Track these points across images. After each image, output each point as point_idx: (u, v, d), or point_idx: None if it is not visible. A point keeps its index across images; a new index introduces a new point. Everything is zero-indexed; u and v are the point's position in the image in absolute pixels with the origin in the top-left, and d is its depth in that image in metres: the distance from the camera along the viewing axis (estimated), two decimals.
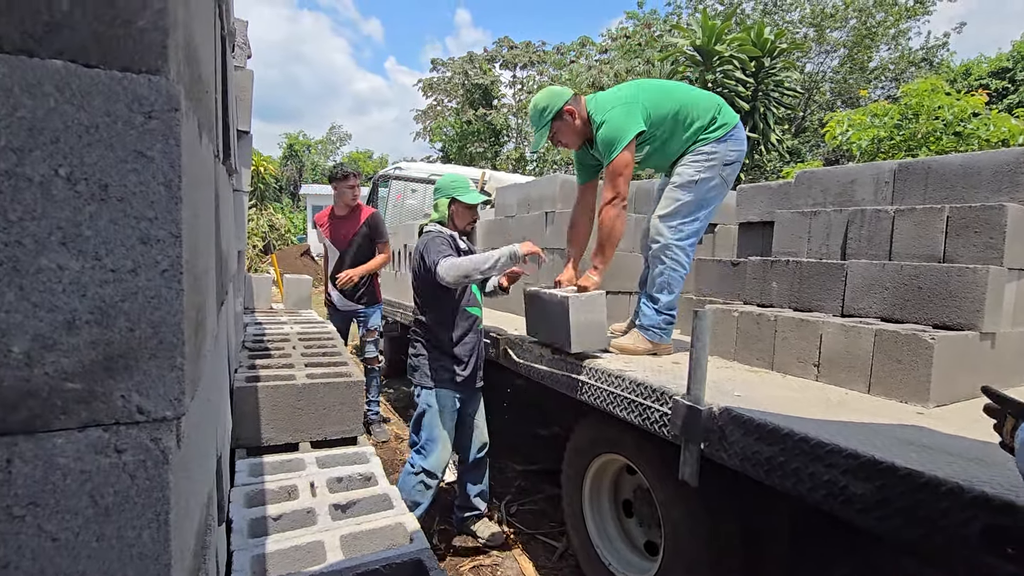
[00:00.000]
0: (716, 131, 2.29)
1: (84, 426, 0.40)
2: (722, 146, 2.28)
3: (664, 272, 2.31)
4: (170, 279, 0.42)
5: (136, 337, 0.41)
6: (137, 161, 0.40)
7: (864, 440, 1.28)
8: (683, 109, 2.28)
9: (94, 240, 0.39)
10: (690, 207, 2.28)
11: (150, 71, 0.40)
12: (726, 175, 2.30)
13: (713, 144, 2.27)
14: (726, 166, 2.28)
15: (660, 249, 2.31)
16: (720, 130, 2.28)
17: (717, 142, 2.28)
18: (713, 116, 2.30)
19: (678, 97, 2.30)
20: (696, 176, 2.26)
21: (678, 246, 2.28)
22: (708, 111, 2.30)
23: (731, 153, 2.29)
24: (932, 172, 2.18)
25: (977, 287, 1.77)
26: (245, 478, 1.92)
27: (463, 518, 2.78)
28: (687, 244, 2.30)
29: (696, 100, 2.32)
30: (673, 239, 2.28)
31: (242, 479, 1.91)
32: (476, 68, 22.51)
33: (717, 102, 2.35)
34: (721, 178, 2.29)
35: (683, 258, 2.30)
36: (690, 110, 2.29)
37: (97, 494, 0.41)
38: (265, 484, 1.89)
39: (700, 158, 2.28)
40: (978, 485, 1.03)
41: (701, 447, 1.55)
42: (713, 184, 2.28)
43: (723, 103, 2.38)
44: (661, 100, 2.28)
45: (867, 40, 18.44)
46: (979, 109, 7.23)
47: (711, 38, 11.19)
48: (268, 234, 15.59)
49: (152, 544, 0.43)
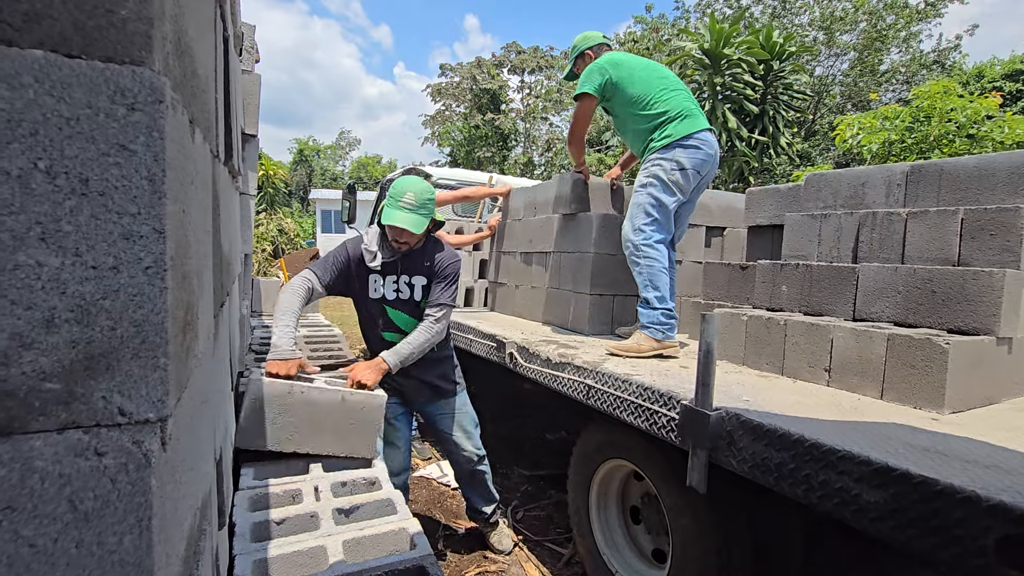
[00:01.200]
0: (664, 139, 2.51)
1: (63, 428, 0.39)
2: (671, 152, 2.48)
3: (642, 271, 2.49)
4: (153, 276, 0.41)
5: (118, 336, 0.40)
6: (119, 154, 0.39)
7: (877, 446, 1.25)
8: (649, 100, 2.55)
9: (74, 236, 0.38)
10: (644, 208, 2.50)
11: (134, 62, 0.39)
12: (681, 180, 2.49)
13: (661, 151, 2.50)
14: (680, 171, 2.48)
15: (631, 253, 2.54)
16: (665, 139, 2.50)
17: (665, 148, 2.49)
18: (666, 122, 2.52)
19: (651, 87, 2.57)
20: (644, 180, 2.53)
21: (644, 244, 2.48)
22: (668, 116, 2.51)
23: (686, 159, 2.48)
24: (946, 174, 2.14)
25: (993, 291, 1.73)
26: (249, 481, 1.91)
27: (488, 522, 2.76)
28: (653, 241, 2.48)
29: (666, 100, 2.54)
30: (638, 240, 2.49)
31: (246, 482, 1.90)
32: (484, 73, 22.61)
33: (681, 111, 2.52)
34: (672, 183, 2.49)
35: (653, 253, 2.47)
36: (652, 105, 2.54)
37: (76, 498, 0.39)
38: (269, 488, 1.88)
39: (648, 165, 2.54)
40: (996, 493, 0.99)
41: (709, 453, 1.53)
42: (664, 187, 2.48)
43: (689, 113, 2.54)
44: (632, 81, 2.57)
45: (877, 43, 18.30)
46: (993, 111, 7.13)
47: (719, 42, 11.15)
48: (277, 238, 15.69)
49: (134, 550, 0.41)
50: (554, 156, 21.86)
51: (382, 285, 2.32)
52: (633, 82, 2.56)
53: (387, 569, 1.51)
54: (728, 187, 11.76)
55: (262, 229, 15.56)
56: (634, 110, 2.57)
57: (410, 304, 2.35)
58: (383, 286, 2.32)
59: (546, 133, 23.49)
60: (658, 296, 2.42)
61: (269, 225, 16.03)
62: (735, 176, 11.92)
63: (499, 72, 23.30)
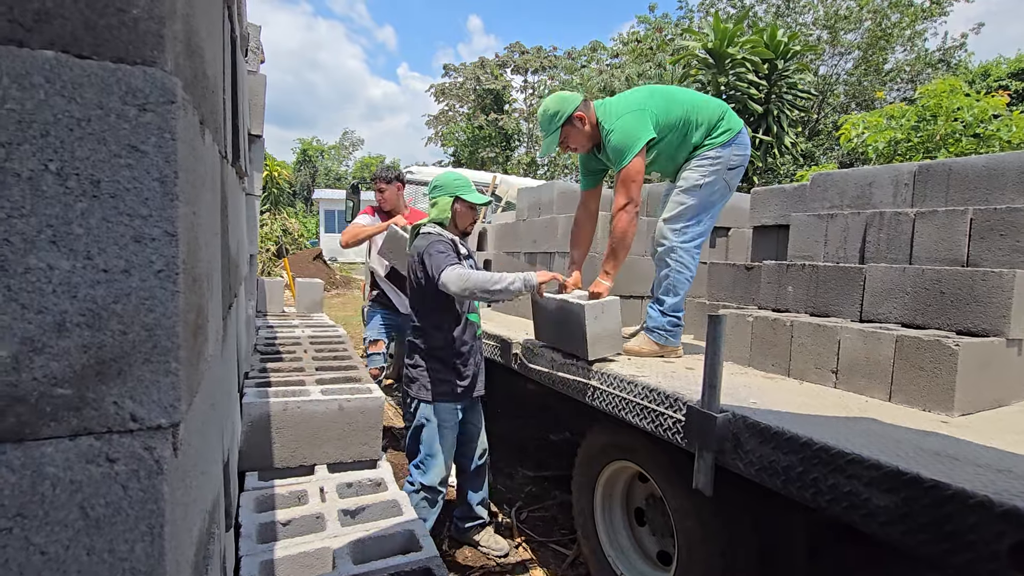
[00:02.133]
0: (720, 136, 2.32)
1: (75, 434, 0.38)
2: (726, 151, 2.32)
3: (669, 275, 2.35)
4: (165, 280, 0.40)
5: (129, 340, 0.40)
6: (131, 156, 0.38)
7: (887, 450, 1.23)
8: (690, 115, 2.32)
9: (85, 238, 0.38)
10: (694, 210, 2.31)
11: (145, 62, 0.39)
12: (729, 179, 2.35)
13: (718, 149, 2.31)
14: (730, 170, 2.33)
15: (665, 252, 2.35)
16: (724, 135, 2.32)
17: (721, 147, 2.31)
18: (718, 122, 2.34)
19: (685, 103, 2.34)
20: (701, 180, 2.30)
21: (683, 248, 2.32)
22: (713, 117, 2.34)
23: (735, 158, 2.34)
24: (954, 173, 2.13)
25: (1003, 291, 1.71)
26: (255, 482, 1.91)
27: (465, 528, 2.71)
28: (692, 247, 2.34)
29: (702, 106, 2.36)
30: (678, 242, 2.32)
31: (252, 483, 1.90)
32: (488, 73, 22.61)
33: (722, 108, 2.39)
34: (724, 182, 2.34)
35: (688, 260, 2.34)
36: (697, 116, 2.32)
37: (88, 505, 0.39)
38: (275, 489, 1.88)
39: (705, 163, 2.32)
40: (1009, 498, 0.98)
41: (716, 455, 1.51)
42: (717, 188, 2.32)
43: (728, 109, 2.41)
44: (670, 106, 2.31)
45: (882, 42, 18.23)
46: (1000, 110, 7.09)
47: (723, 41, 11.12)
48: (281, 238, 15.72)
49: (146, 558, 0.41)
50: (557, 156, 21.84)
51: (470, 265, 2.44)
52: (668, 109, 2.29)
53: (393, 571, 1.50)
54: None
55: (266, 229, 15.58)
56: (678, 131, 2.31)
57: None
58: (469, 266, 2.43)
59: None
60: (674, 303, 2.34)
61: (273, 225, 16.06)
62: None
63: (502, 72, 23.30)
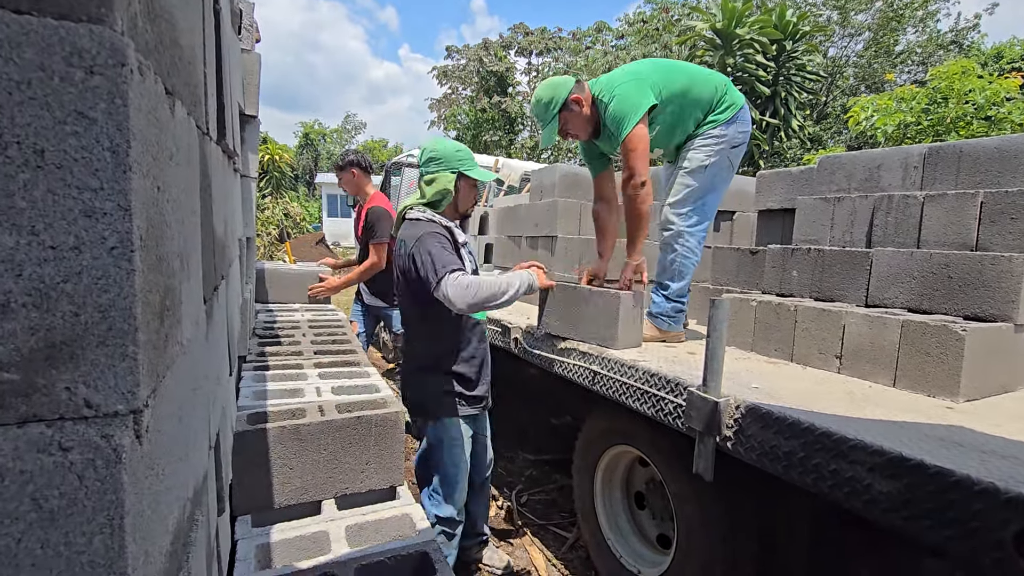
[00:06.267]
0: (724, 112, 2.24)
1: (23, 421, 0.36)
2: (731, 128, 2.24)
3: (676, 260, 2.28)
4: (119, 258, 0.38)
5: (82, 322, 0.37)
6: (78, 123, 0.35)
7: (890, 435, 1.21)
8: (692, 88, 2.21)
9: (29, 212, 0.35)
10: (699, 192, 2.24)
11: (91, 20, 0.35)
12: (732, 158, 2.27)
13: (722, 127, 2.23)
14: (733, 148, 2.25)
15: (672, 236, 2.28)
16: (728, 111, 2.23)
17: (726, 124, 2.23)
18: (720, 97, 2.24)
19: (686, 75, 2.24)
20: (706, 161, 2.22)
21: (689, 232, 2.26)
22: (716, 92, 2.24)
23: (739, 135, 2.26)
24: (965, 156, 2.07)
25: (1012, 276, 1.67)
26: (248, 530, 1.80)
27: (467, 546, 2.40)
28: (698, 230, 2.28)
29: (704, 80, 2.25)
30: (684, 226, 2.25)
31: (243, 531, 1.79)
32: (491, 55, 22.32)
33: (724, 82, 2.29)
34: (729, 161, 2.26)
35: (695, 245, 2.28)
36: (699, 89, 2.22)
37: (40, 497, 0.37)
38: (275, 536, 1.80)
39: (709, 141, 2.23)
40: (1015, 485, 0.96)
41: (716, 440, 1.50)
42: (722, 168, 2.26)
43: (729, 83, 2.31)
44: (671, 76, 2.20)
45: (893, 23, 17.85)
46: (1013, 92, 6.94)
47: (731, 21, 10.91)
48: (283, 222, 15.68)
49: (104, 551, 0.39)
50: (561, 140, 21.64)
51: (468, 259, 2.10)
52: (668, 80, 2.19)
53: (390, 555, 1.50)
54: (738, 170, 11.59)
55: (268, 213, 15.55)
56: (681, 101, 2.21)
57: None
58: (468, 260, 2.09)
59: None
60: (678, 288, 2.29)
61: (275, 209, 16.02)
62: (745, 159, 11.75)
63: (506, 54, 22.99)
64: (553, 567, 2.54)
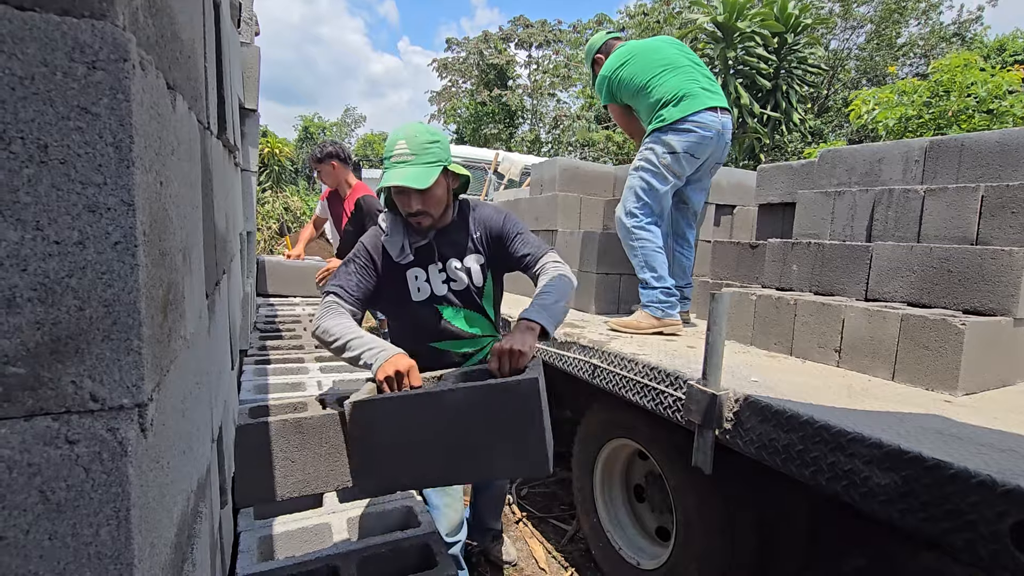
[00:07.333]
0: (658, 123, 2.47)
1: (30, 415, 0.36)
2: (664, 136, 2.43)
3: (637, 254, 2.51)
4: (123, 252, 0.38)
5: (87, 317, 0.37)
6: (81, 118, 0.36)
7: (888, 428, 1.22)
8: (646, 89, 2.48)
9: (34, 208, 0.35)
10: (635, 191, 2.49)
11: (94, 15, 0.36)
12: (671, 163, 2.42)
13: (653, 135, 2.46)
14: (671, 155, 2.41)
15: (624, 236, 2.55)
16: (660, 123, 2.45)
17: (658, 132, 2.45)
18: (662, 106, 2.46)
19: (647, 75, 2.48)
20: (637, 164, 2.51)
21: (636, 227, 2.48)
22: (664, 97, 2.45)
23: (678, 143, 2.42)
24: (966, 150, 2.07)
25: (1012, 270, 1.68)
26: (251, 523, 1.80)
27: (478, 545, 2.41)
28: (645, 223, 2.48)
29: (663, 83, 2.47)
30: (630, 223, 2.50)
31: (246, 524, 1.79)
32: (491, 48, 22.20)
33: (677, 93, 2.44)
34: (663, 167, 2.43)
35: (645, 235, 2.47)
36: (651, 92, 2.47)
37: (47, 489, 0.37)
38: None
39: (641, 148, 2.53)
40: (1012, 478, 0.97)
41: (715, 433, 1.50)
42: (652, 172, 2.45)
43: (687, 94, 2.45)
44: (631, 75, 2.52)
45: (895, 15, 17.74)
46: (1015, 86, 6.91)
47: (732, 13, 10.83)
48: (283, 216, 15.66)
49: (111, 542, 0.39)
50: (561, 133, 21.58)
51: (426, 280, 1.74)
52: (634, 74, 2.53)
53: (392, 546, 1.51)
54: (739, 164, 11.54)
55: (268, 207, 15.51)
56: (638, 101, 2.55)
57: (468, 293, 1.78)
58: (428, 281, 1.74)
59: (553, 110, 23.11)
60: (655, 276, 2.44)
61: (275, 203, 15.98)
62: (746, 153, 11.70)
63: (506, 47, 22.86)
64: (553, 559, 2.56)
